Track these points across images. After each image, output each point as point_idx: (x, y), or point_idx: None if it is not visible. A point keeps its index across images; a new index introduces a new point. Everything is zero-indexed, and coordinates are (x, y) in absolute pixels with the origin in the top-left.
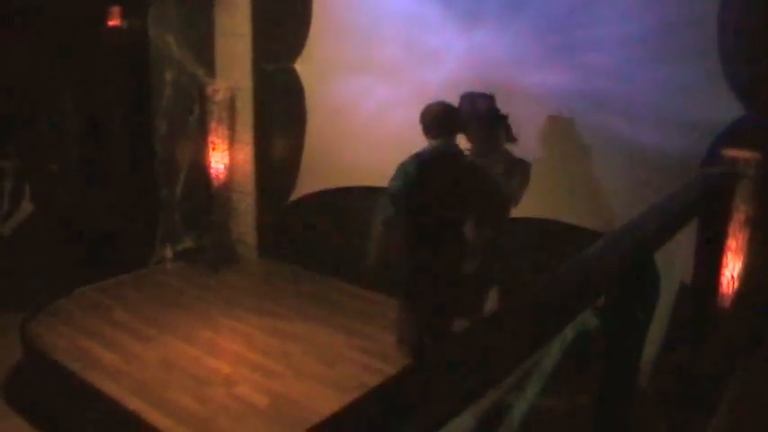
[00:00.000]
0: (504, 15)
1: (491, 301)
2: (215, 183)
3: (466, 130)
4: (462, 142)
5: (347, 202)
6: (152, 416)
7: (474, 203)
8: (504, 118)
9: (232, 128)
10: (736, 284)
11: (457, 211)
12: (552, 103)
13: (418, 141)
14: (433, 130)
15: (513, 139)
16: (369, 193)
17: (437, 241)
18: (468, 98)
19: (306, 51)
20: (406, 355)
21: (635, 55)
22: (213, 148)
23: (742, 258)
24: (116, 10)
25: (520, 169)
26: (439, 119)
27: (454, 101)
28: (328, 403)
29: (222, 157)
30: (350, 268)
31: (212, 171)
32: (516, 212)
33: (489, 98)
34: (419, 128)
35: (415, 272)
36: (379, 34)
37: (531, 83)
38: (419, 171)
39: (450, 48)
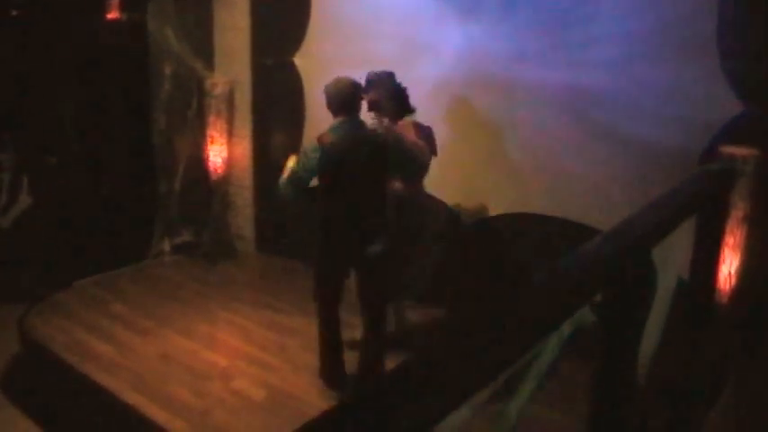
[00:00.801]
0: (502, 11)
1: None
2: (213, 177)
3: (379, 106)
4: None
5: None
6: (149, 409)
7: (385, 177)
8: (405, 90)
9: (230, 122)
10: (733, 281)
11: (369, 188)
12: (550, 99)
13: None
14: (340, 107)
15: (412, 110)
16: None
17: (344, 222)
18: (379, 77)
19: (305, 45)
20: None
21: (633, 51)
22: (212, 142)
23: (739, 255)
24: (115, 3)
25: (428, 133)
26: (347, 96)
27: (452, 95)
28: (325, 397)
29: (220, 151)
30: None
31: (211, 165)
32: (518, 208)
33: (392, 74)
34: (418, 120)
35: (322, 251)
36: (378, 29)
37: (529, 78)
38: (325, 156)
39: (449, 43)
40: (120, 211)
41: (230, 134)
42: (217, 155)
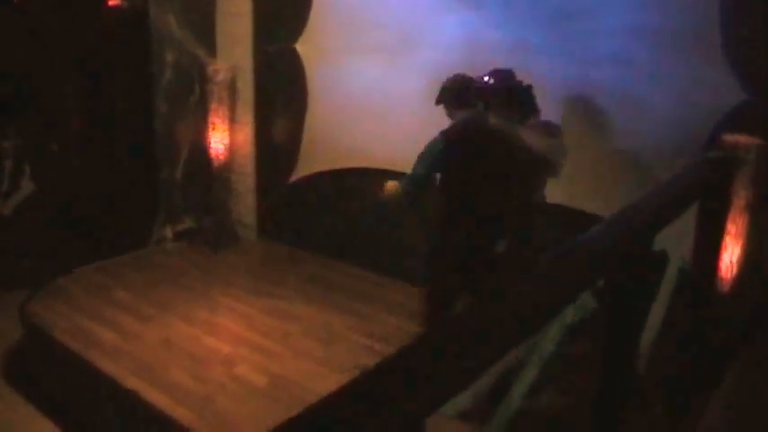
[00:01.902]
0: (505, 0)
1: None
2: (215, 163)
3: (496, 105)
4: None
5: (347, 184)
6: (151, 395)
7: (513, 177)
8: (528, 89)
9: (232, 108)
10: (735, 269)
11: (494, 188)
12: (553, 89)
13: (418, 123)
14: (454, 102)
15: (537, 111)
16: (368, 175)
17: (467, 222)
18: (497, 74)
19: (307, 32)
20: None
21: (635, 41)
22: (213, 129)
23: (741, 243)
24: None
25: (555, 130)
26: (460, 89)
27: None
28: (327, 383)
29: (222, 138)
30: (349, 249)
31: (212, 152)
32: None
33: (511, 72)
34: (419, 109)
35: (441, 251)
36: (381, 16)
37: (532, 67)
38: (447, 152)
39: (452, 31)
40: (122, 197)
41: (232, 121)
42: (219, 142)
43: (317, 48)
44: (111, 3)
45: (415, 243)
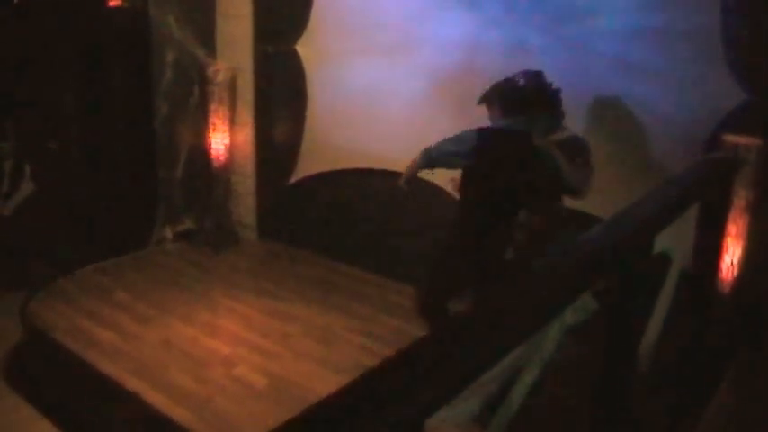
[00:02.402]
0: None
1: None
2: (215, 164)
3: (532, 109)
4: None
5: (347, 185)
6: (150, 396)
7: (538, 186)
8: (558, 92)
9: (232, 109)
10: (735, 270)
11: (516, 192)
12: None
13: (419, 124)
14: (515, 109)
15: (562, 115)
16: (369, 176)
17: (485, 222)
18: (530, 76)
19: (307, 33)
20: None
21: (636, 41)
22: (213, 130)
23: (742, 244)
24: None
25: (581, 146)
26: (529, 96)
27: (454, 85)
28: (326, 384)
29: (222, 139)
30: (349, 250)
31: (212, 152)
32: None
33: (542, 73)
34: (420, 110)
35: (455, 247)
36: (381, 17)
37: (535, 66)
38: (478, 143)
39: (454, 31)
40: (121, 198)
41: (232, 122)
42: (219, 142)
43: (317, 49)
44: (111, 3)
45: (416, 244)
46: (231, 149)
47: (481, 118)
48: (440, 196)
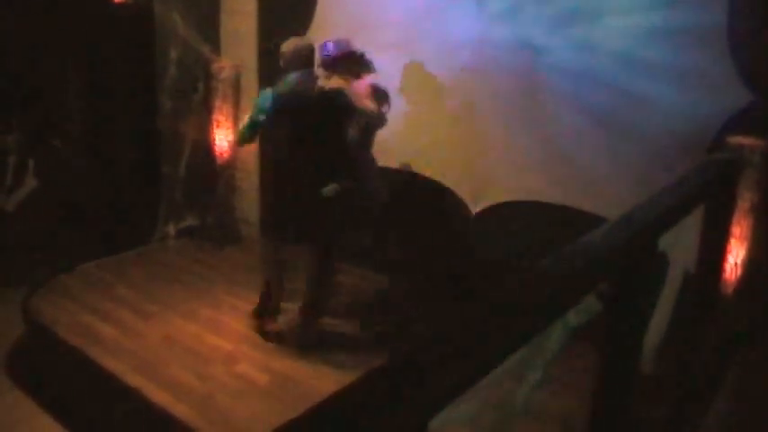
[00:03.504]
0: None
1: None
2: (219, 161)
3: (335, 66)
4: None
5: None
6: (152, 392)
7: (334, 130)
8: (362, 54)
9: (237, 106)
10: (739, 271)
11: (315, 139)
12: (555, 87)
13: (425, 119)
14: (295, 65)
15: (373, 70)
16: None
17: (295, 169)
18: (336, 41)
19: (312, 30)
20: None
21: (643, 40)
22: (217, 126)
23: (746, 245)
24: None
25: (381, 93)
26: (302, 54)
27: (456, 81)
28: (328, 383)
29: (226, 135)
30: (349, 248)
31: (216, 149)
32: (524, 196)
33: (347, 41)
34: (425, 106)
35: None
36: (385, 14)
37: (535, 65)
38: (274, 106)
39: (456, 28)
40: (125, 194)
41: (236, 118)
42: (223, 139)
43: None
44: (115, 0)
45: (419, 242)
46: (235, 146)
47: (483, 116)
48: (443, 193)
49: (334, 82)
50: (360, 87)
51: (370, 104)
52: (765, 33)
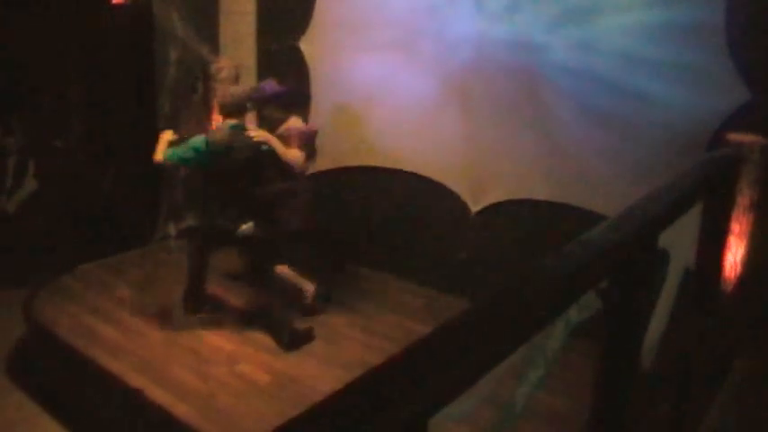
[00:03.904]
0: None
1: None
2: None
3: (267, 114)
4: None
5: (351, 182)
6: (154, 392)
7: (251, 175)
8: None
9: None
10: (738, 268)
11: (243, 177)
12: (555, 86)
13: (423, 120)
14: (232, 112)
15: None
16: (372, 173)
17: (222, 204)
18: (264, 87)
19: (310, 30)
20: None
21: (641, 39)
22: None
23: (745, 242)
24: None
25: (309, 138)
26: (242, 103)
27: (456, 81)
28: (329, 382)
29: None
30: (352, 248)
31: None
32: (524, 194)
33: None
34: (424, 108)
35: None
36: (384, 14)
37: (535, 65)
38: (207, 151)
39: (458, 28)
40: (125, 195)
41: None
42: None
43: (320, 45)
44: (115, 1)
45: (418, 243)
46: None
47: (483, 115)
48: (443, 195)
49: (261, 134)
50: (292, 131)
51: (295, 154)
52: (763, 31)
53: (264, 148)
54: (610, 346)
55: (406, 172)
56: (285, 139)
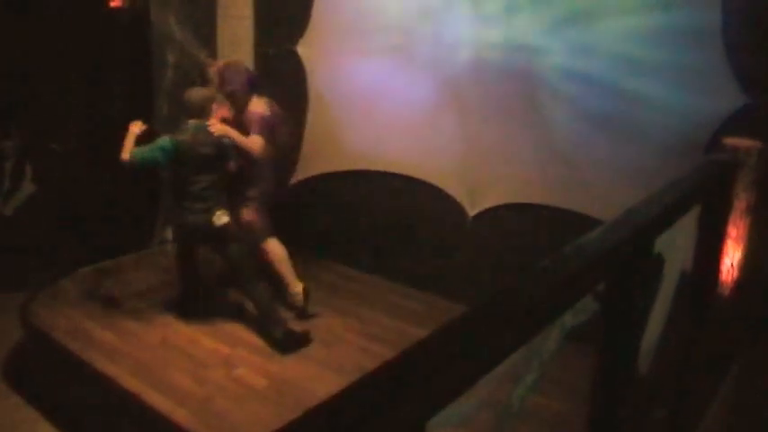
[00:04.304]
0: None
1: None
2: None
3: (235, 97)
4: None
5: (348, 186)
6: (150, 396)
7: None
8: (257, 78)
9: None
10: (735, 273)
11: (208, 170)
12: (553, 89)
13: (420, 124)
14: (196, 113)
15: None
16: (370, 177)
17: (191, 196)
18: (236, 70)
19: (308, 34)
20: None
21: (639, 42)
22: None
23: (742, 246)
24: None
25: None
26: (204, 104)
27: (454, 85)
28: (326, 385)
29: None
30: (350, 251)
31: None
32: (521, 198)
33: (245, 67)
34: (422, 111)
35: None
36: (382, 18)
37: (533, 68)
38: (174, 149)
39: (456, 31)
40: (122, 198)
41: None
42: None
43: (317, 49)
44: (112, 4)
45: (415, 246)
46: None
47: (480, 118)
48: (440, 198)
49: (219, 128)
50: (252, 115)
51: (254, 141)
52: (760, 34)
53: (226, 141)
54: (606, 350)
55: (402, 175)
56: (247, 124)
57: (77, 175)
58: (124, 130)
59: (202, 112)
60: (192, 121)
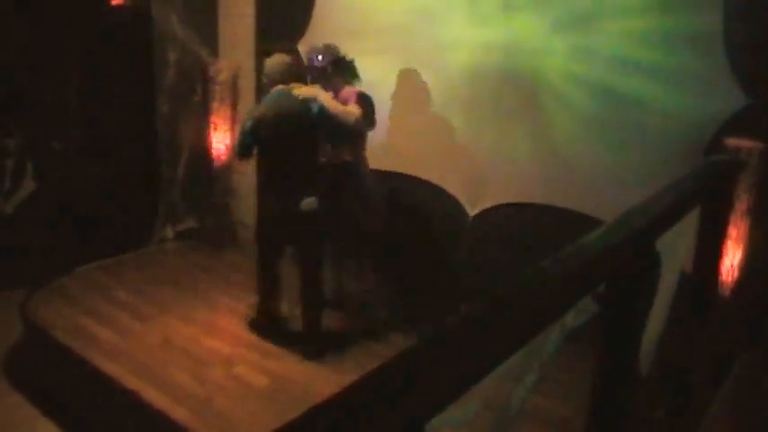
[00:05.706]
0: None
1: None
2: (216, 164)
3: (325, 75)
4: None
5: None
6: (150, 395)
7: (311, 144)
8: (351, 60)
9: (234, 108)
10: (735, 273)
11: (297, 150)
12: (556, 90)
13: (422, 124)
14: (276, 81)
15: (357, 78)
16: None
17: (278, 180)
18: (327, 48)
19: (309, 32)
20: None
21: (639, 44)
22: (215, 129)
23: (742, 247)
24: None
25: (367, 103)
26: (284, 71)
27: (457, 86)
28: (327, 385)
29: (224, 138)
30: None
31: (214, 152)
32: (520, 198)
33: (336, 46)
34: (424, 109)
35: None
36: (384, 18)
37: (535, 69)
38: (256, 124)
39: (458, 32)
40: (123, 197)
41: (234, 121)
42: (220, 142)
43: None
44: (113, 2)
45: (416, 245)
46: (233, 149)
47: (482, 119)
48: (441, 197)
49: (306, 90)
50: (347, 94)
51: (349, 108)
52: (761, 36)
53: (314, 109)
54: (607, 351)
55: (402, 174)
56: (342, 102)
57: (78, 174)
58: (125, 129)
59: (285, 76)
60: (274, 89)
